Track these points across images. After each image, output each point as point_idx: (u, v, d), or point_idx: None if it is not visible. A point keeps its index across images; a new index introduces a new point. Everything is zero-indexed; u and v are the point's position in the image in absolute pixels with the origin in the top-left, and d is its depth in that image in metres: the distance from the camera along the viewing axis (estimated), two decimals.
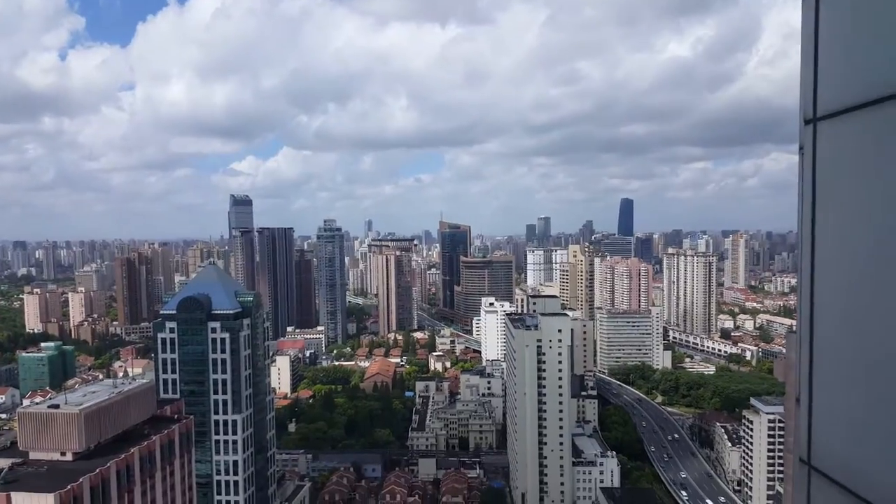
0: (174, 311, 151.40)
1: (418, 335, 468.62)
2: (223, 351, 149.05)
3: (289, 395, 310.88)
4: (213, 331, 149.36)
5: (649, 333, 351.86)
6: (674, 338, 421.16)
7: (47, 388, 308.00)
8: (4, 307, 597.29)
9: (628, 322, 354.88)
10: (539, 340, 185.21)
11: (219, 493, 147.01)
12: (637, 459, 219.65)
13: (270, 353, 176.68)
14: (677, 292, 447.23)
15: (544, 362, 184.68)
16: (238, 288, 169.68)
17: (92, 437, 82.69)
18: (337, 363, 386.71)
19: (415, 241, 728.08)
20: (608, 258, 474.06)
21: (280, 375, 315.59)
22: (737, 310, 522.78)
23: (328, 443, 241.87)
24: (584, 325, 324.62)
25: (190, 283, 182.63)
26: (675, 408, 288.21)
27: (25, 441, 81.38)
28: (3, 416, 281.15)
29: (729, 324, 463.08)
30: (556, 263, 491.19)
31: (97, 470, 77.61)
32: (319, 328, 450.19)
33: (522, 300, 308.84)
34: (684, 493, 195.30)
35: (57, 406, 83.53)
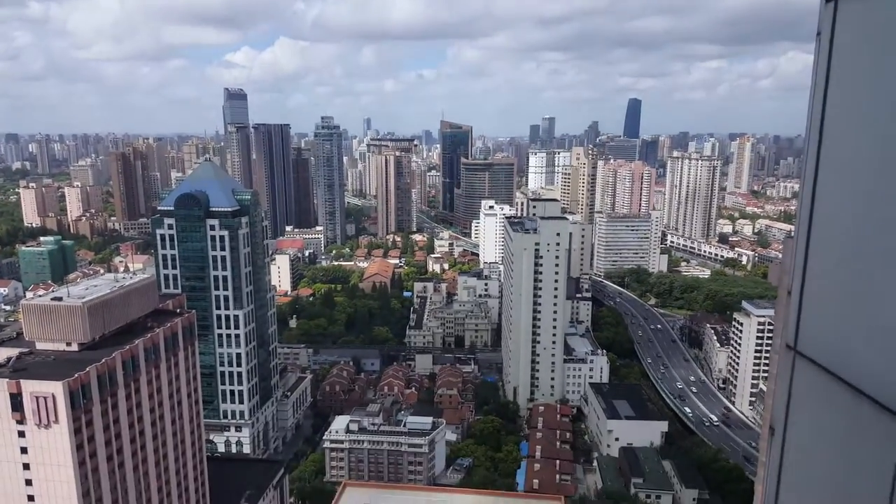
0: (172, 208, 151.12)
1: (417, 237, 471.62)
2: (223, 248, 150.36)
3: (289, 292, 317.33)
4: (212, 228, 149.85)
5: (647, 237, 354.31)
6: (671, 242, 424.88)
7: (49, 281, 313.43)
8: (1, 201, 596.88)
9: (627, 226, 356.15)
10: (537, 244, 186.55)
11: (223, 384, 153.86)
12: (626, 358, 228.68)
13: (270, 252, 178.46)
14: (679, 196, 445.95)
15: (541, 265, 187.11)
16: (235, 185, 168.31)
17: (96, 328, 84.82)
18: (336, 263, 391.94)
19: (415, 142, 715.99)
20: (611, 161, 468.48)
21: (280, 274, 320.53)
22: (737, 215, 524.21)
23: (328, 338, 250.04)
24: (583, 229, 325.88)
25: (186, 179, 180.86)
26: (668, 310, 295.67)
27: (31, 332, 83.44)
28: (7, 308, 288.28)
29: (728, 228, 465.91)
30: (558, 166, 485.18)
31: (103, 360, 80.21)
32: (318, 228, 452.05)
33: (522, 203, 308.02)
34: (670, 385, 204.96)
35: (60, 298, 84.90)
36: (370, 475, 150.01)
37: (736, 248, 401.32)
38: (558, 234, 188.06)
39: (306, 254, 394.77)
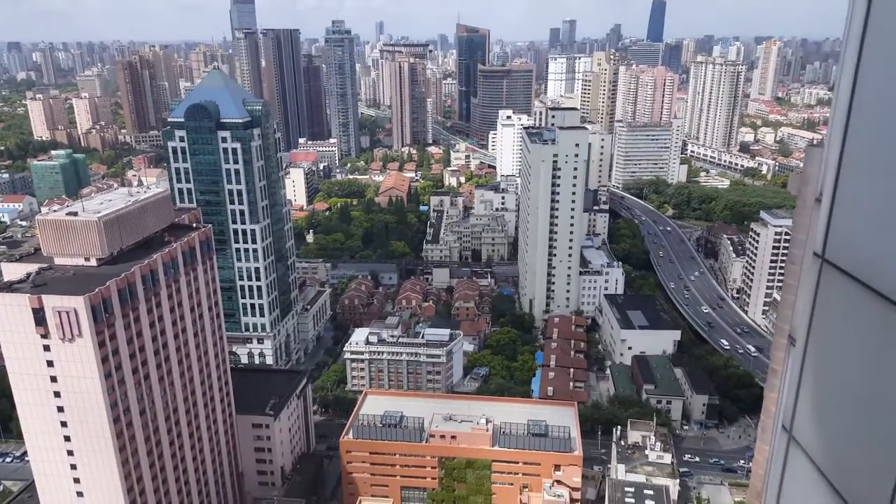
0: (182, 119, 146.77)
1: (433, 150, 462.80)
2: (235, 161, 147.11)
3: (305, 207, 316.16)
4: (224, 140, 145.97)
5: (667, 147, 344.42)
6: (692, 151, 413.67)
7: (63, 196, 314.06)
8: (9, 113, 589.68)
9: (647, 135, 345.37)
10: (555, 155, 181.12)
11: (244, 297, 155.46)
12: (642, 269, 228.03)
13: (283, 165, 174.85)
14: (701, 104, 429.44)
15: (559, 177, 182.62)
16: (245, 95, 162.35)
17: (113, 243, 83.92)
18: (351, 177, 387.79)
19: (430, 47, 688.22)
20: (634, 67, 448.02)
21: (295, 187, 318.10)
22: (759, 122, 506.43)
23: (346, 253, 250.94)
24: (603, 139, 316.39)
25: (195, 89, 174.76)
26: (686, 221, 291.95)
27: (48, 247, 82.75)
28: (23, 223, 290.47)
29: (749, 137, 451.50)
30: (578, 73, 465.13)
31: (123, 275, 79.83)
32: (332, 141, 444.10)
33: (541, 113, 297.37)
34: (684, 296, 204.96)
35: (76, 214, 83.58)
36: (390, 384, 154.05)
37: (756, 158, 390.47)
38: (577, 145, 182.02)
39: (320, 167, 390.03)
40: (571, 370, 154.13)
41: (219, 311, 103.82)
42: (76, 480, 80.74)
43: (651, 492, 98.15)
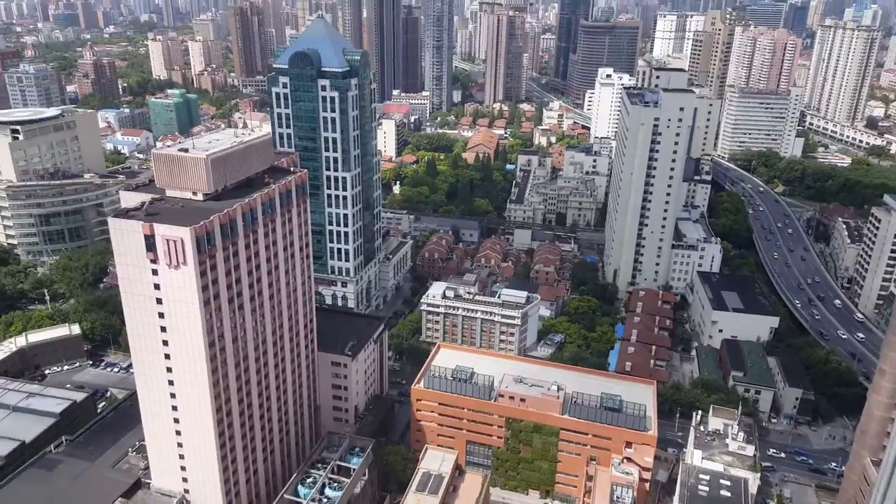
0: (286, 66, 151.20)
1: (525, 107, 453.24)
2: (333, 110, 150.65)
3: (393, 158, 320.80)
4: (323, 88, 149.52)
5: (783, 117, 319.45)
6: (810, 124, 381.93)
7: (176, 132, 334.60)
8: (132, 52, 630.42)
9: (761, 103, 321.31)
10: (656, 119, 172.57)
11: (331, 242, 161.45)
12: (743, 248, 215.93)
13: (376, 116, 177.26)
14: (825, 72, 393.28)
15: (658, 143, 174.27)
16: (346, 45, 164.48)
17: (218, 180, 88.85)
18: (440, 131, 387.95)
19: (531, 0, 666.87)
20: (752, 28, 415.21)
21: (385, 139, 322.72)
22: (892, 96, 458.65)
23: (430, 206, 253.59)
24: (711, 105, 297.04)
25: (300, 37, 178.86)
26: (797, 199, 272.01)
27: (161, 180, 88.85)
28: (140, 156, 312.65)
29: (879, 112, 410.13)
30: (689, 32, 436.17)
31: (225, 210, 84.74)
32: (424, 93, 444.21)
33: (645, 73, 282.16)
34: (787, 280, 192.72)
35: (186, 150, 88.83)
36: (463, 340, 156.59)
37: (885, 135, 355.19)
38: (681, 109, 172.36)
39: (411, 120, 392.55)
40: (653, 347, 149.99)
41: (308, 252, 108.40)
42: (172, 395, 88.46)
43: (728, 482, 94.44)
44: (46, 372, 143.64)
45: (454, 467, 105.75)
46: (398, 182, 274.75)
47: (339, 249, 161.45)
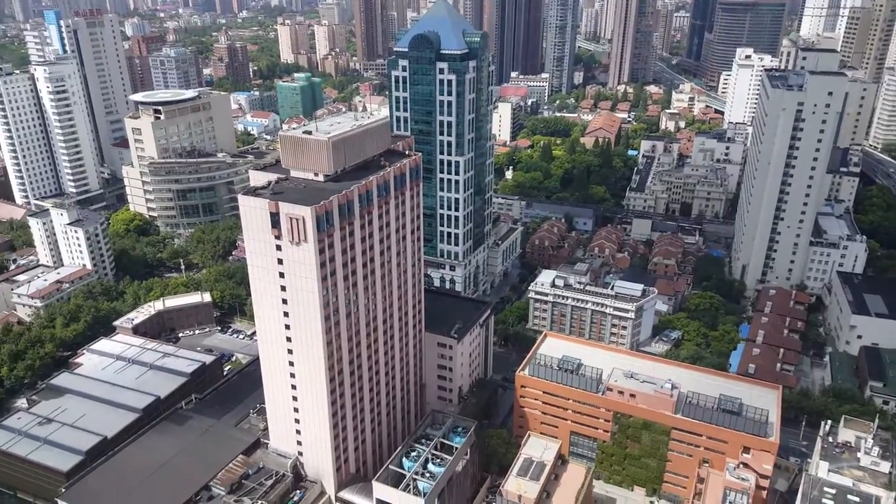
0: (406, 49, 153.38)
1: (652, 89, 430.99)
2: (449, 93, 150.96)
3: (507, 142, 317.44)
4: (441, 71, 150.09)
5: None
6: None
7: (300, 115, 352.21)
8: (262, 37, 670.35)
9: None
10: (800, 104, 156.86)
11: (441, 225, 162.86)
12: (892, 247, 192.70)
13: (493, 99, 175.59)
14: None
15: (801, 130, 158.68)
16: (466, 27, 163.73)
17: (338, 162, 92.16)
18: (559, 114, 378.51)
19: None
20: None
21: (501, 122, 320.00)
22: None
23: (542, 193, 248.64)
24: (864, 89, 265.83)
25: (421, 19, 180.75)
26: None
27: (287, 160, 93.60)
28: (268, 137, 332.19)
29: None
30: (844, 8, 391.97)
31: (343, 191, 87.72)
32: (544, 75, 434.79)
33: (790, 53, 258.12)
34: None
35: (310, 132, 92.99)
36: (571, 330, 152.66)
37: None
38: (830, 94, 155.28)
39: (528, 102, 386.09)
40: (781, 350, 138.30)
41: (419, 234, 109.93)
42: (290, 364, 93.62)
43: (857, 498, 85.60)
44: (180, 335, 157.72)
45: (557, 456, 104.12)
46: (511, 167, 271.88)
47: (449, 233, 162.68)
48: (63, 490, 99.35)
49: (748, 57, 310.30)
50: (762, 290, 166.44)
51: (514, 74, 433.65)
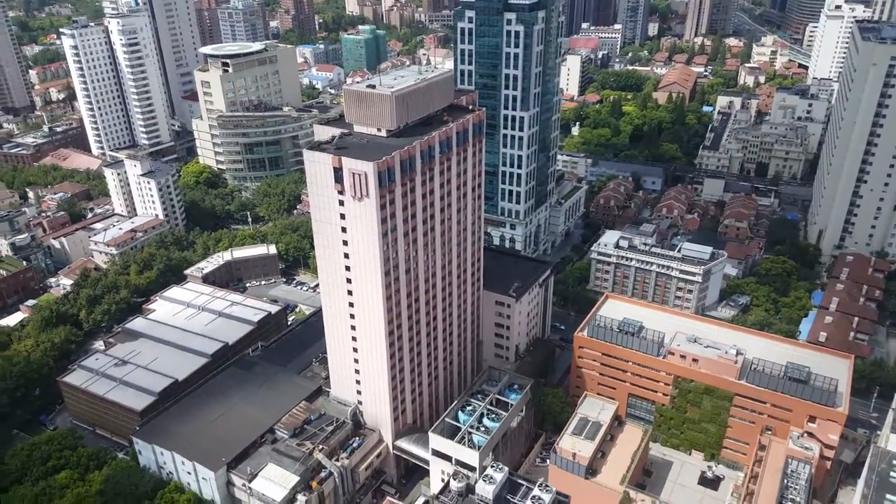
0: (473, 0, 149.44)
1: (731, 42, 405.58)
2: (517, 45, 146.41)
3: (575, 97, 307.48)
4: (509, 22, 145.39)
5: None
6: None
7: (364, 69, 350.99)
8: None
9: None
10: (893, 58, 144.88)
11: (503, 183, 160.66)
12: None
13: (562, 52, 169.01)
14: None
15: (892, 86, 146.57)
16: None
17: (402, 117, 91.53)
18: (630, 67, 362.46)
19: None
20: None
21: (569, 76, 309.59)
22: None
23: (609, 150, 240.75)
24: None
25: None
26: None
27: (350, 115, 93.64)
28: (332, 91, 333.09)
29: None
30: None
31: (405, 147, 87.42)
32: (616, 26, 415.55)
33: (885, 4, 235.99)
34: None
35: (373, 87, 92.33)
36: (634, 293, 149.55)
37: None
38: None
39: (599, 55, 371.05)
40: (856, 319, 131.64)
41: (481, 192, 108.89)
42: (351, 316, 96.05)
43: None
44: (247, 285, 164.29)
45: (613, 417, 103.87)
46: (578, 123, 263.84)
47: (510, 191, 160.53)
48: (137, 428, 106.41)
49: (838, 7, 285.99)
50: (839, 257, 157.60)
51: (584, 25, 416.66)
